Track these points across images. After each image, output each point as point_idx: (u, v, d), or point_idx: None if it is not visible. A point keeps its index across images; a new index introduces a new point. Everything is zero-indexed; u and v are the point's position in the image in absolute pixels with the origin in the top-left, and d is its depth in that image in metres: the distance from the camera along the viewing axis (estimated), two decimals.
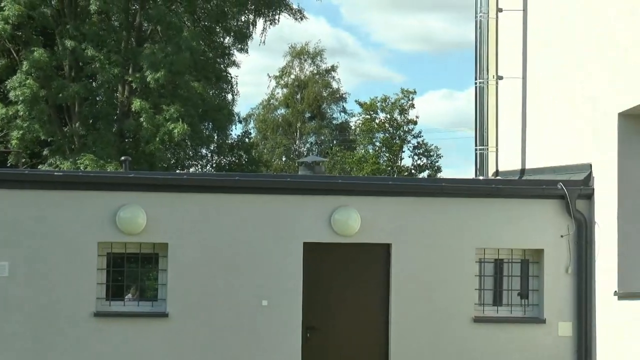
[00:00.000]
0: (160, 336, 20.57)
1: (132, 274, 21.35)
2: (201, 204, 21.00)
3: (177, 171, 46.26)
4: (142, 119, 43.88)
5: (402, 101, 76.92)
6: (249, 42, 51.29)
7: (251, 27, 50.83)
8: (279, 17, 51.27)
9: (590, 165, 21.49)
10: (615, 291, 20.24)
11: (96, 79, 47.15)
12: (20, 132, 42.84)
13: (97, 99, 47.82)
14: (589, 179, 21.49)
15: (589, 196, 21.47)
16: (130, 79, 45.34)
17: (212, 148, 53.07)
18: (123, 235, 20.59)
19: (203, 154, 53.31)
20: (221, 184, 21.64)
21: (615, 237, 20.36)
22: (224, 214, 21.04)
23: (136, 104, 43.81)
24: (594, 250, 21.33)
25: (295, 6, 51.71)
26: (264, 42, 52.47)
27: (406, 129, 76.97)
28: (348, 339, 21.41)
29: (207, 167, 53.61)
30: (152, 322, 20.71)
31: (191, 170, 51.17)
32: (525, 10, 24.81)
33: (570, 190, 21.41)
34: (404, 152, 76.96)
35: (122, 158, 25.00)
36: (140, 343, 20.54)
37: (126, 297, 21.41)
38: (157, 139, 44.17)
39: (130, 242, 20.82)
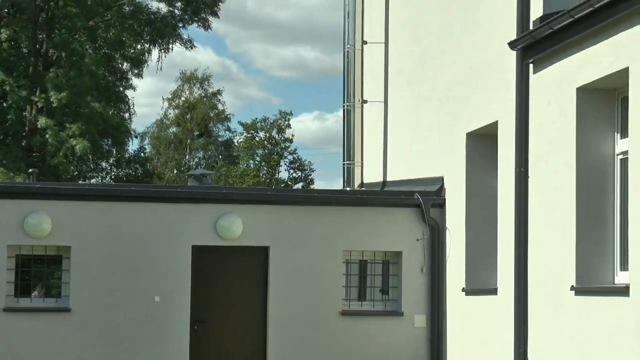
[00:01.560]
0: (64, 329, 20.45)
1: (38, 274, 21.33)
2: (101, 211, 20.93)
3: (80, 182, 45.97)
4: (47, 136, 43.64)
5: (280, 122, 77.45)
6: (145, 68, 51.18)
7: (147, 54, 50.59)
8: (172, 46, 51.15)
9: (442, 179, 21.71)
10: (463, 288, 20.52)
11: (6, 100, 46.82)
12: None
13: (7, 117, 47.44)
14: (441, 190, 21.72)
15: (441, 205, 21.68)
16: (36, 99, 45.07)
17: (111, 161, 52.78)
18: (30, 239, 20.48)
19: (103, 166, 53.01)
20: (119, 194, 21.63)
21: (463, 241, 20.60)
22: (121, 220, 21.00)
23: (42, 122, 43.54)
24: (445, 253, 21.58)
25: (185, 37, 51.62)
26: (160, 68, 52.35)
27: (283, 146, 77.45)
28: (231, 330, 21.50)
29: (107, 179, 53.30)
30: (56, 316, 20.58)
31: (92, 181, 50.84)
32: (386, 42, 25.14)
33: (425, 200, 21.59)
34: (280, 166, 77.40)
35: (30, 170, 24.97)
36: (46, 335, 20.40)
37: (32, 294, 21.32)
38: (61, 153, 44.00)
39: (37, 245, 20.72)
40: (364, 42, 25.93)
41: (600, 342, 15.01)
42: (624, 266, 15.21)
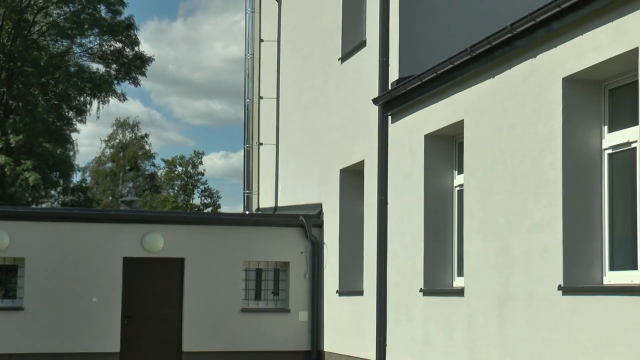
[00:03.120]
0: (18, 324, 20.15)
1: None
2: (50, 229, 20.64)
3: (32, 206, 45.32)
4: (6, 170, 43.00)
5: (194, 159, 77.03)
6: (86, 116, 50.55)
7: (88, 105, 50.02)
8: (108, 99, 50.55)
9: (321, 204, 21.75)
10: (337, 290, 20.54)
11: None
12: None
13: None
14: (320, 213, 21.75)
15: (320, 225, 21.68)
16: None
17: (58, 190, 51.86)
18: None
19: (52, 194, 52.12)
20: (64, 216, 21.40)
21: (337, 253, 20.62)
22: (66, 237, 20.70)
23: (1, 159, 42.87)
24: (323, 262, 21.59)
25: (119, 91, 50.95)
26: (99, 116, 51.77)
27: (196, 179, 76.96)
28: (154, 324, 21.28)
29: (55, 204, 52.52)
30: (13, 313, 20.24)
31: (43, 205, 50.05)
32: (278, 97, 25.15)
33: (307, 221, 21.62)
34: (194, 194, 76.80)
35: None
36: (4, 329, 20.08)
37: None
38: (17, 183, 43.42)
39: None
40: (260, 97, 25.87)
41: (441, 331, 15.21)
42: (460, 272, 15.47)
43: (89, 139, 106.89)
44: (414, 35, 17.45)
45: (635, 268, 10.92)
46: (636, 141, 10.85)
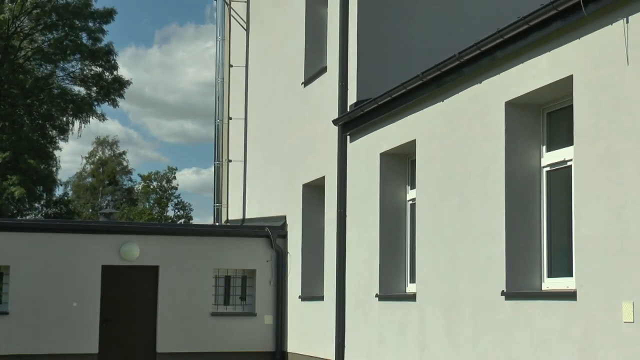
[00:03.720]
0: (2, 328, 19.90)
1: None
2: (34, 239, 20.42)
3: (18, 218, 44.99)
4: None
5: (168, 175, 76.73)
6: (69, 135, 50.26)
7: (70, 125, 49.74)
8: (89, 119, 50.35)
9: (285, 217, 21.70)
10: (300, 295, 20.51)
11: None
12: None
13: None
14: (284, 225, 21.68)
15: (284, 236, 21.63)
16: None
17: (42, 203, 51.72)
18: None
19: (36, 207, 51.88)
20: (47, 227, 21.15)
21: (299, 261, 20.60)
22: (49, 246, 20.51)
23: None
24: (287, 270, 21.52)
25: (99, 112, 50.77)
26: (79, 135, 51.47)
27: (170, 192, 76.61)
28: (130, 326, 21.08)
29: (39, 216, 52.16)
30: None
31: (28, 217, 49.73)
32: (245, 118, 25.07)
33: (272, 232, 21.58)
34: (168, 207, 76.45)
35: None
36: None
37: None
38: (4, 197, 43.08)
39: None
40: (229, 118, 25.80)
41: (395, 333, 15.23)
42: (413, 279, 15.50)
43: (71, 156, 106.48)
44: (371, 61, 17.53)
45: (571, 275, 11.01)
46: (571, 160, 10.93)
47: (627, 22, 9.60)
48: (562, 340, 10.55)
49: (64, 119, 49.46)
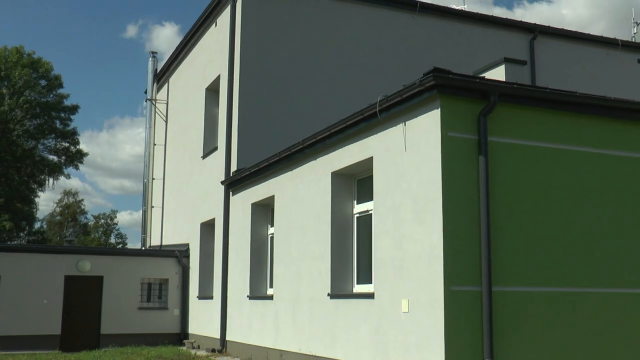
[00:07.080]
0: None
1: None
2: (19, 257, 19.28)
3: (8, 243, 42.33)
4: None
5: (111, 214, 74.04)
6: (45, 187, 47.75)
7: (46, 181, 47.35)
8: (59, 177, 47.81)
9: (189, 244, 21.05)
10: (197, 296, 19.91)
11: None
12: None
13: None
14: (188, 249, 21.05)
15: (188, 256, 21.01)
16: None
17: (25, 233, 48.90)
18: None
19: (21, 235, 49.02)
20: (28, 249, 19.89)
21: (197, 273, 19.94)
22: (27, 263, 19.38)
23: None
24: (189, 279, 20.86)
25: (65, 172, 48.15)
26: (53, 188, 49.11)
27: (112, 226, 73.78)
28: (82, 316, 19.97)
29: (22, 241, 49.20)
30: None
31: (15, 242, 46.85)
32: (164, 178, 24.54)
33: (180, 254, 21.02)
34: (111, 236, 73.69)
35: None
36: None
37: None
38: None
39: None
40: (153, 178, 25.28)
41: (259, 321, 14.90)
42: (272, 285, 15.24)
43: (46, 202, 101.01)
44: (246, 143, 17.36)
45: (371, 282, 10.98)
46: (372, 209, 10.94)
47: (405, 125, 9.77)
48: (364, 324, 10.48)
49: (42, 177, 47.35)
